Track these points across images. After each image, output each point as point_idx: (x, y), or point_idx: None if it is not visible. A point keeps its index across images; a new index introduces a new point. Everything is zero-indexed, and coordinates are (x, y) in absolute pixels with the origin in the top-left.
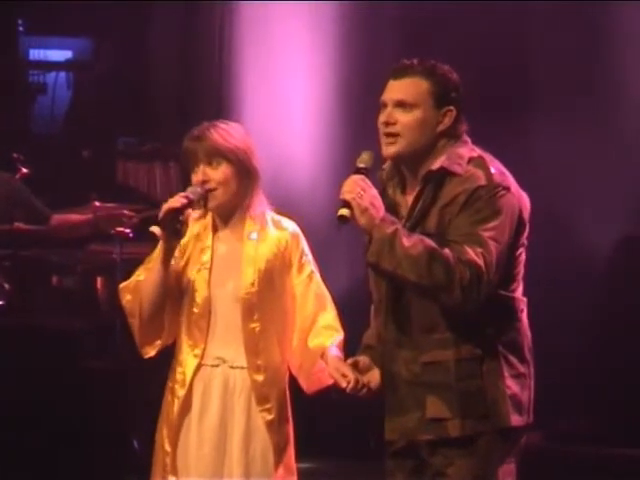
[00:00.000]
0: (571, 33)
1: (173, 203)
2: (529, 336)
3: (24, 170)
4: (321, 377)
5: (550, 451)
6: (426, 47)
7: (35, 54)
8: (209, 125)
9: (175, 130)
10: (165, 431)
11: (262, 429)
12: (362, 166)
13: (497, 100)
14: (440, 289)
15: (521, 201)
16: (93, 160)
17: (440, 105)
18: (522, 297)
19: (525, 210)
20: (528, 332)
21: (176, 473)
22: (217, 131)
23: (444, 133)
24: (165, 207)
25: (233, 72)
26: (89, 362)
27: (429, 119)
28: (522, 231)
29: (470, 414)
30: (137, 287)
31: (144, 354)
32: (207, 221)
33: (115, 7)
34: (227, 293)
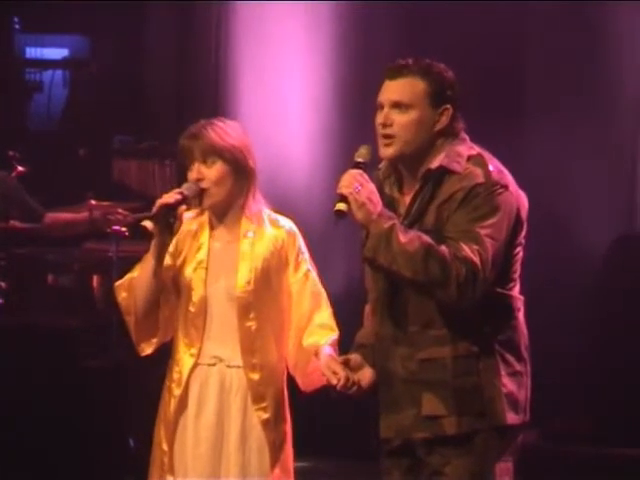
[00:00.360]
0: (570, 33)
1: (167, 199)
2: (526, 334)
3: (20, 168)
4: (317, 376)
5: (549, 451)
6: (424, 47)
7: (31, 52)
8: (206, 123)
9: (171, 128)
10: (162, 430)
11: (258, 428)
12: (360, 160)
13: (496, 100)
14: (436, 285)
15: (519, 200)
16: (89, 158)
17: (436, 104)
18: (519, 296)
19: (523, 209)
20: (525, 330)
21: (173, 472)
22: (213, 129)
23: (442, 132)
24: (159, 202)
25: (230, 71)
26: (85, 360)
27: (426, 119)
28: (520, 230)
29: (466, 411)
30: (132, 284)
31: (141, 352)
32: (203, 219)
33: (112, 5)
34: (223, 292)
